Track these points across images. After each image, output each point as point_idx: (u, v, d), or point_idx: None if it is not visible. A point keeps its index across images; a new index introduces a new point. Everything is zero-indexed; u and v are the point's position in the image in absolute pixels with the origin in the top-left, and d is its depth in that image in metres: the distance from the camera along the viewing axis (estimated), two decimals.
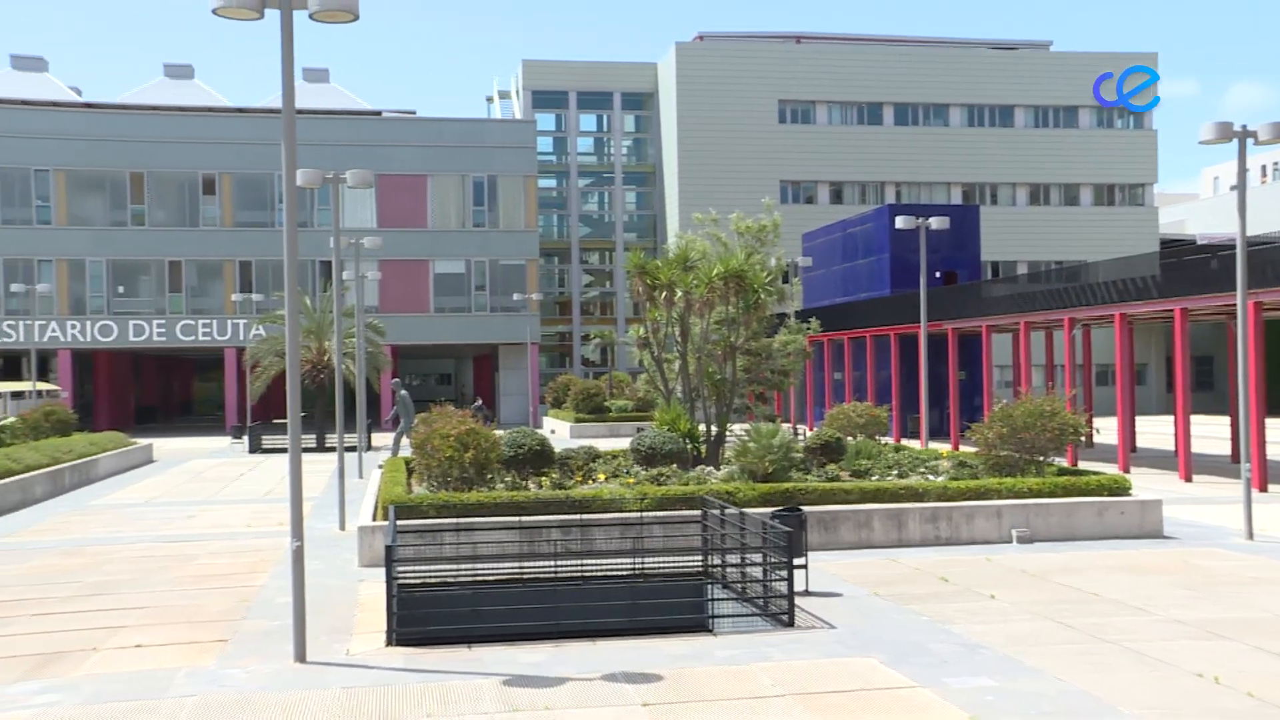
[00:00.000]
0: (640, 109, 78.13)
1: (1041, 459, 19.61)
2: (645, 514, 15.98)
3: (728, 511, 14.10)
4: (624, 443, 24.59)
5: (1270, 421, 39.49)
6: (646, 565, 12.96)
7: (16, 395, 43.50)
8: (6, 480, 24.09)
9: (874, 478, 19.25)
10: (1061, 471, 19.64)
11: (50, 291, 51.57)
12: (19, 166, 53.62)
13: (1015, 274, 62.44)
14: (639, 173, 79.30)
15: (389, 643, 11.42)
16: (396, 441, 32.30)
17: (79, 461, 29.56)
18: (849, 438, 23.50)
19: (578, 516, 16.02)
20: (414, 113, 62.76)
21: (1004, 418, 19.58)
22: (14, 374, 57.60)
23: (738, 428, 22.10)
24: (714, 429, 21.78)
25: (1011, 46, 74.91)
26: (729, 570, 13.82)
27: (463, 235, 58.03)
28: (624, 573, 12.76)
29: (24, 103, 56.73)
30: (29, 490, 25.23)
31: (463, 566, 12.39)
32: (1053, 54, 74.04)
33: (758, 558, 13.04)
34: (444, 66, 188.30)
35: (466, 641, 11.42)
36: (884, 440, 25.84)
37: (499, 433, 19.34)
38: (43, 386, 46.82)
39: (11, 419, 31.41)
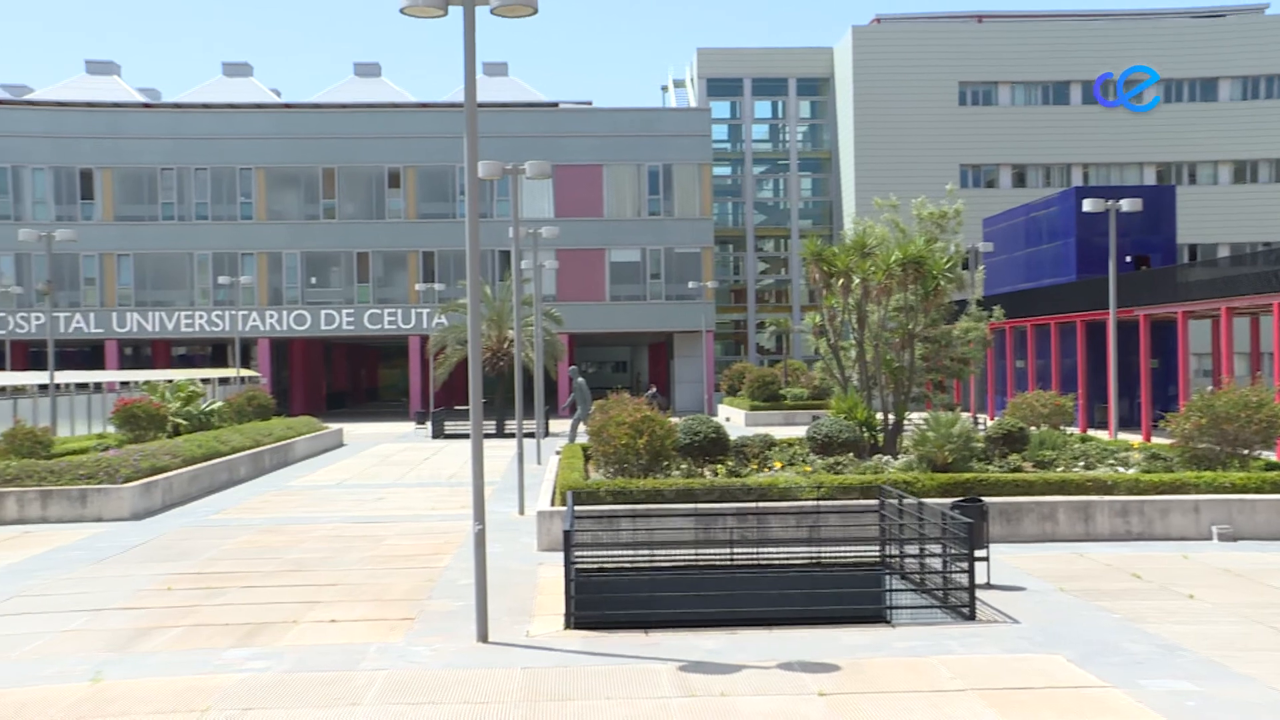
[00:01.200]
0: (816, 94, 77.18)
1: (1246, 452, 18.54)
2: (821, 503, 15.83)
3: (905, 501, 13.85)
4: (799, 431, 24.40)
5: None
6: (823, 554, 12.85)
7: (223, 381, 46.11)
8: (216, 461, 25.57)
9: (1059, 469, 18.58)
10: (1269, 466, 18.53)
11: (252, 283, 54.41)
12: (226, 166, 56.73)
13: (1215, 257, 59.21)
14: (814, 159, 78.41)
15: (567, 625, 11.64)
16: (574, 428, 32.87)
17: (277, 444, 31.14)
18: (1032, 428, 22.74)
19: (753, 504, 16.00)
20: (590, 104, 63.59)
21: (1204, 408, 18.56)
22: (220, 361, 61.10)
23: (915, 416, 21.65)
24: (891, 417, 21.40)
25: (1218, 13, 70.67)
26: (907, 561, 13.58)
27: (638, 224, 58.53)
28: (800, 561, 12.68)
29: (231, 106, 59.98)
30: (235, 470, 26.73)
31: (639, 552, 12.53)
32: (1268, 18, 69.62)
33: (937, 549, 12.77)
34: (619, 57, 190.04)
35: (643, 626, 11.55)
36: (1069, 431, 24.90)
37: (674, 420, 19.46)
38: (245, 373, 49.48)
39: (219, 403, 33.31)
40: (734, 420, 46.91)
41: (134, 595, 13.63)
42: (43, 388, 32.01)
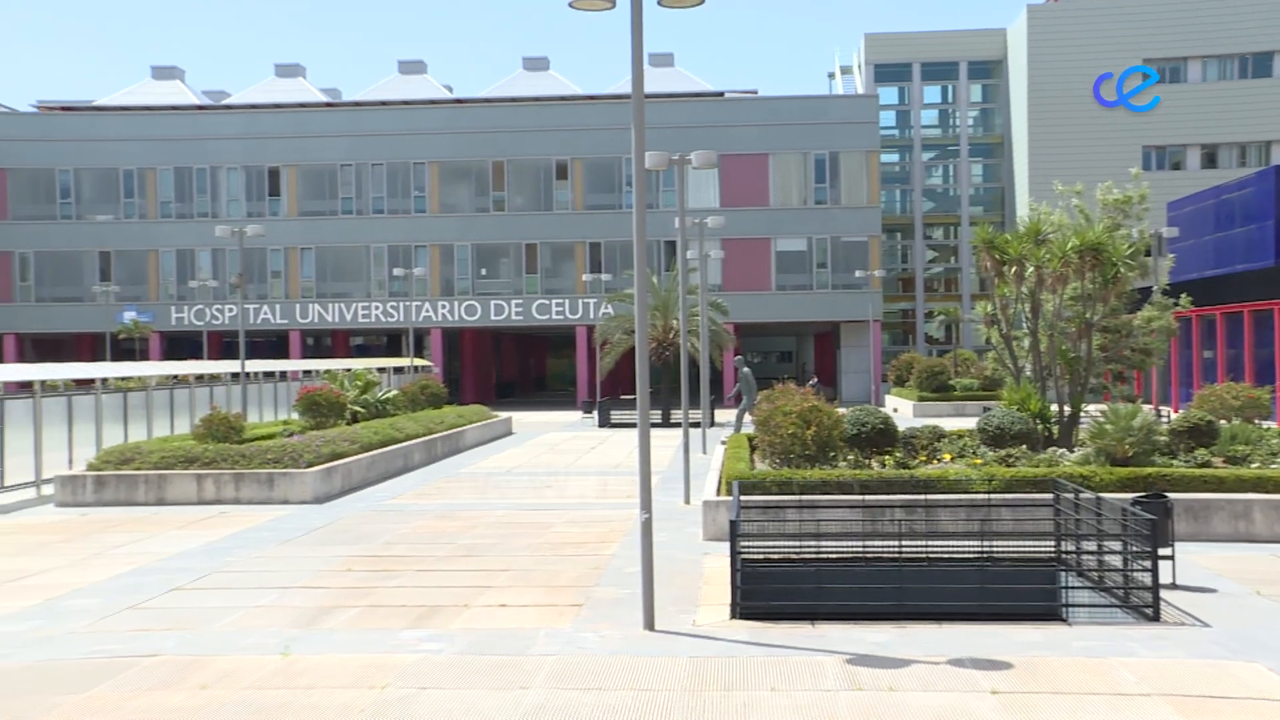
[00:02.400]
0: (988, 78, 74.97)
1: None
2: (993, 496, 15.40)
3: (1082, 496, 13.35)
4: (969, 422, 23.81)
5: None
6: (994, 549, 12.50)
7: (398, 370, 47.75)
8: (391, 448, 26.50)
9: (1253, 465, 17.60)
10: None
11: (425, 275, 56.13)
12: (401, 161, 58.64)
13: None
14: (986, 144, 76.21)
15: (733, 616, 11.64)
16: (739, 418, 32.82)
17: (449, 432, 32.06)
18: (1222, 421, 21.59)
19: (922, 496, 15.68)
20: (755, 92, 63.28)
21: None
22: (395, 351, 63.26)
23: (1093, 408, 20.84)
24: (1067, 409, 20.66)
25: None
26: (1084, 558, 13.09)
27: (804, 213, 57.98)
28: (970, 555, 12.36)
29: (405, 103, 62.00)
30: (409, 457, 27.65)
31: (805, 543, 12.41)
32: None
33: (1117, 546, 12.27)
34: (785, 45, 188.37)
35: (809, 618, 11.47)
36: (1265, 425, 23.56)
37: (840, 411, 19.23)
38: (418, 362, 51.07)
39: (394, 392, 34.48)
40: (901, 411, 46.07)
41: (317, 575, 14.25)
42: (234, 376, 33.74)
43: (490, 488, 23.89)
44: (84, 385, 27.98)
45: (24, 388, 26.54)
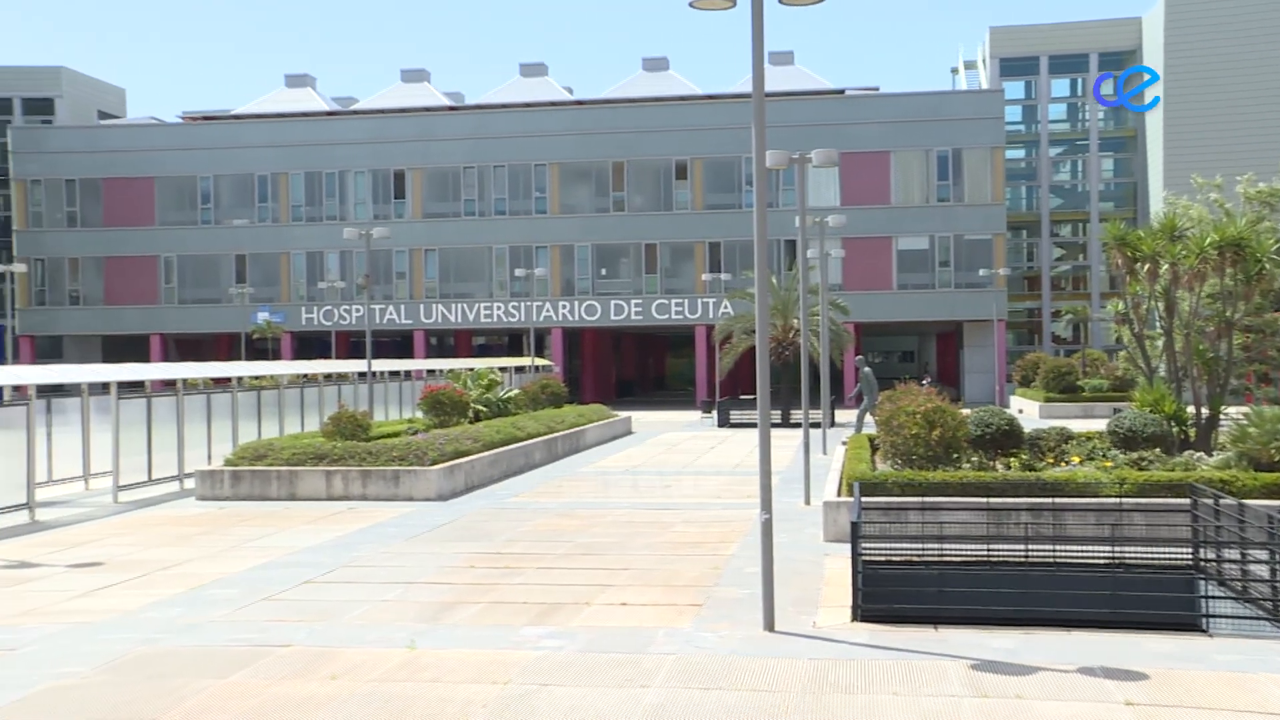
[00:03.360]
0: (1121, 68, 72.61)
1: None
2: (1125, 500, 14.92)
3: (1223, 502, 12.83)
4: (1098, 424, 23.09)
5: None
6: (1126, 555, 12.10)
7: (519, 370, 48.41)
8: (513, 446, 26.88)
9: None
10: None
11: (545, 275, 56.79)
12: (522, 163, 59.46)
13: None
14: (1117, 138, 73.89)
15: (854, 618, 11.51)
16: (860, 418, 32.43)
17: (569, 431, 32.37)
18: None
19: (1049, 500, 15.26)
20: (877, 89, 62.45)
21: None
22: (516, 350, 64.16)
23: (1234, 411, 20.03)
24: (1204, 411, 19.90)
25: None
26: (1225, 566, 12.58)
27: (926, 211, 57.02)
28: (1100, 561, 11.99)
29: (527, 106, 62.84)
30: (530, 456, 28.01)
31: (928, 546, 12.20)
32: None
33: (1263, 555, 11.76)
34: (907, 40, 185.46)
35: (932, 622, 11.27)
36: None
37: (964, 411, 18.86)
38: (539, 362, 51.71)
39: (515, 391, 34.97)
40: (1027, 412, 44.95)
41: (440, 571, 14.53)
42: (361, 375, 34.62)
43: (610, 486, 24.04)
44: (221, 384, 29.03)
45: (168, 386, 27.65)
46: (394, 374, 39.07)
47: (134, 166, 62.11)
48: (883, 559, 12.08)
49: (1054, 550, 12.26)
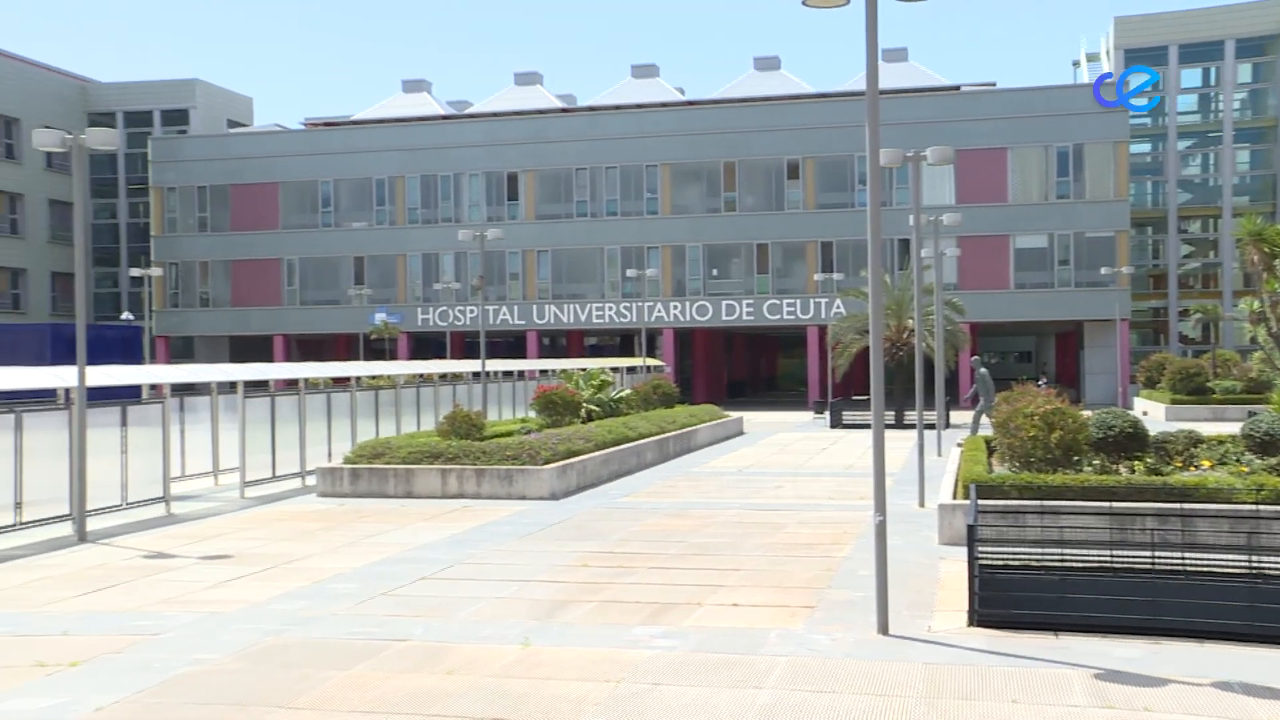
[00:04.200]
0: (1260, 54, 69.77)
1: None
2: (1262, 507, 14.34)
3: None
4: (1230, 427, 22.26)
5: None
6: (1264, 564, 11.63)
7: (630, 370, 48.64)
8: (624, 446, 27.01)
9: None
10: None
11: (657, 275, 56.95)
12: (634, 163, 59.75)
13: None
14: (1255, 129, 71.00)
15: (970, 623, 11.30)
16: (976, 420, 31.83)
17: (681, 431, 32.40)
18: None
19: (1177, 505, 14.72)
20: (994, 84, 61.19)
21: None
22: (627, 350, 64.48)
23: None
24: None
25: None
26: None
27: (1045, 208, 55.68)
28: (1235, 570, 11.54)
29: (638, 106, 63.13)
30: (641, 456, 28.11)
31: (1048, 551, 11.90)
32: None
33: None
34: (1025, 34, 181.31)
35: (1051, 628, 11.00)
36: None
37: (1085, 413, 18.36)
38: (650, 362, 51.86)
39: (626, 391, 35.14)
40: (1152, 414, 43.53)
41: (553, 570, 14.68)
42: (475, 375, 35.17)
43: (722, 487, 24.00)
44: (341, 383, 29.79)
45: (290, 385, 28.47)
46: (507, 374, 39.60)
47: (259, 172, 64.14)
48: (1000, 563, 11.82)
49: (1183, 559, 11.85)
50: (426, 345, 64.05)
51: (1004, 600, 11.32)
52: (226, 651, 10.71)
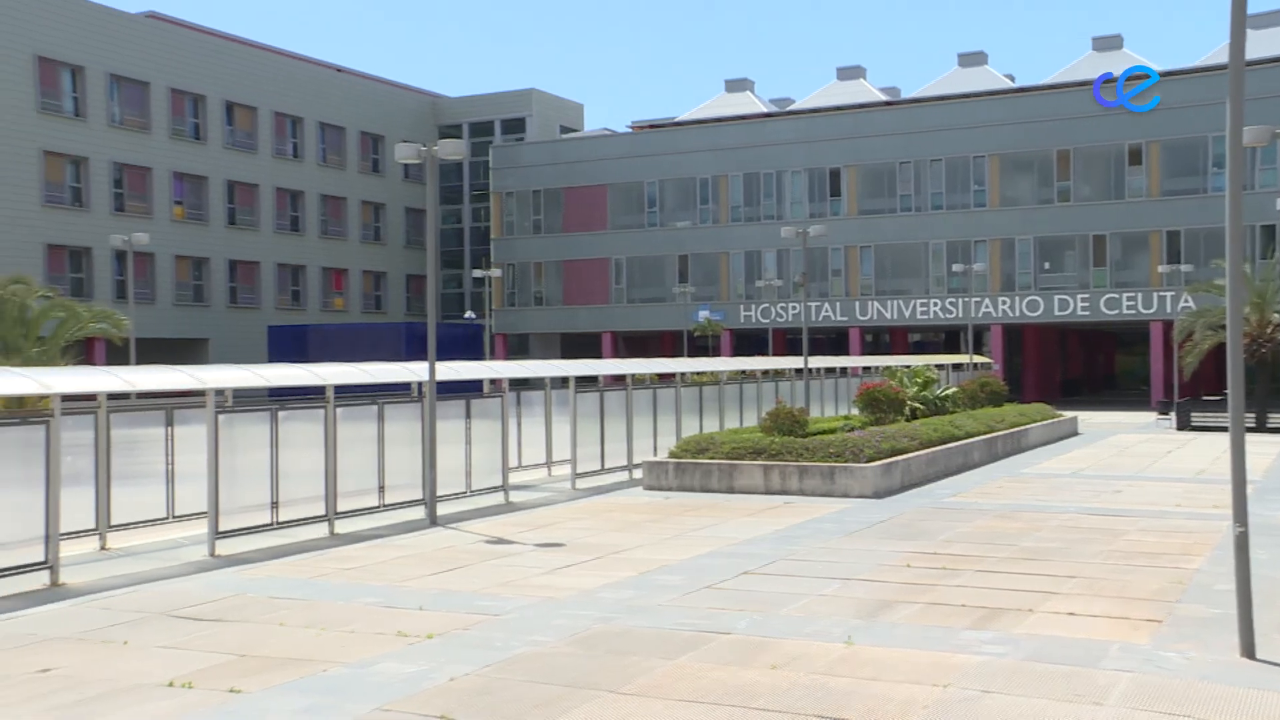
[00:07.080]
0: None
1: None
2: None
3: None
4: None
5: None
6: None
7: (956, 367, 47.19)
8: (951, 445, 26.23)
9: None
10: None
11: (984, 270, 54.91)
12: (960, 155, 57.94)
13: None
14: None
15: None
16: None
17: (1010, 431, 31.09)
18: None
19: None
20: None
21: None
22: (953, 347, 62.57)
23: None
24: None
25: None
26: None
27: None
28: None
29: (962, 97, 61.16)
30: (968, 455, 27.19)
31: None
32: None
33: None
34: None
35: None
36: None
37: None
38: (977, 359, 50.09)
39: (952, 389, 34.11)
40: None
41: (876, 569, 14.44)
42: (797, 371, 35.17)
43: (1054, 489, 22.83)
44: (665, 379, 30.59)
45: (617, 381, 29.55)
46: (829, 371, 39.35)
47: (589, 175, 66.98)
48: None
49: None
50: (748, 342, 64.71)
51: None
52: (560, 635, 11.23)
